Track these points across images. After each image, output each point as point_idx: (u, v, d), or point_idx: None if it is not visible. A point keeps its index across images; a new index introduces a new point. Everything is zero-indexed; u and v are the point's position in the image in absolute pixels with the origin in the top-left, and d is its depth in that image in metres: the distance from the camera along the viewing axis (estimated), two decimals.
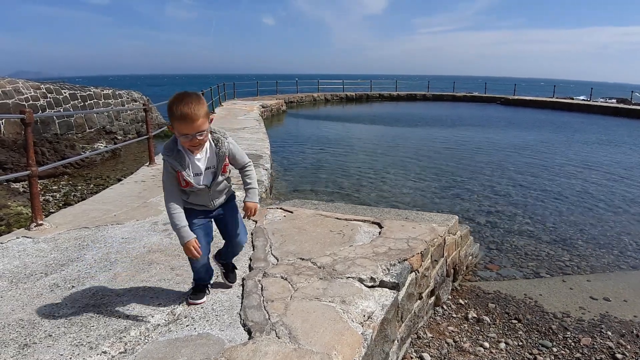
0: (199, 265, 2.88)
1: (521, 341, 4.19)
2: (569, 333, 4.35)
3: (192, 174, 2.63)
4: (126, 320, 2.77)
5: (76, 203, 6.85)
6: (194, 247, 2.62)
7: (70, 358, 2.40)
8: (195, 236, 2.65)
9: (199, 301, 2.98)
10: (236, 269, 3.34)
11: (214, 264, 3.17)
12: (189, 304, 2.97)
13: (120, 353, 2.47)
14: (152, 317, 2.81)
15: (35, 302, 3.01)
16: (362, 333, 2.71)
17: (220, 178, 2.73)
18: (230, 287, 3.23)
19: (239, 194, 2.99)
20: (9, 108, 14.04)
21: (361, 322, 2.82)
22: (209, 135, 2.65)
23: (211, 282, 3.15)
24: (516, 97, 38.10)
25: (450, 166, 12.82)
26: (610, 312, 4.83)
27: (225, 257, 3.18)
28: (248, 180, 2.87)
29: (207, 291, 3.07)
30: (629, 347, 4.16)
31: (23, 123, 4.68)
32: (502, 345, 4.10)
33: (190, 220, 2.70)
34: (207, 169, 2.68)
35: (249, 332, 2.63)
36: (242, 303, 2.99)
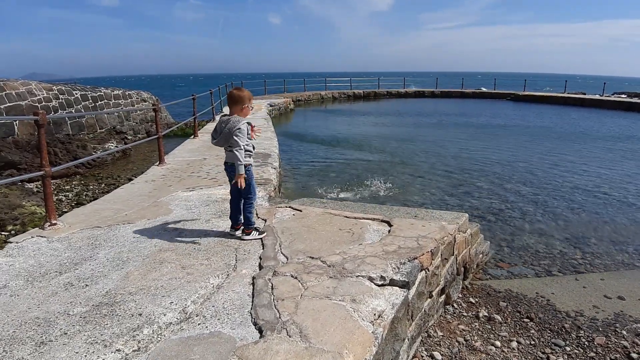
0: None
1: (533, 340, 4.15)
2: (582, 332, 4.30)
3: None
4: (139, 318, 2.80)
5: (88, 203, 6.91)
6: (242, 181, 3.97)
7: (86, 356, 2.43)
8: None
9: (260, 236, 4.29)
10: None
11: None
12: (245, 234, 4.28)
13: (134, 351, 2.49)
14: (165, 315, 2.83)
15: (51, 301, 3.05)
16: (372, 332, 2.72)
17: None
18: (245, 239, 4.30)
19: None
20: (23, 109, 14.19)
21: (372, 321, 2.82)
22: None
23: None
24: (526, 93, 37.67)
25: (459, 163, 12.76)
26: (625, 310, 4.76)
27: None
28: None
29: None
30: None
31: (36, 124, 4.72)
32: (514, 344, 4.06)
33: (251, 173, 4.21)
34: None
35: (260, 331, 2.65)
36: (252, 302, 3.00)
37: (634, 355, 3.93)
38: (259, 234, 4.32)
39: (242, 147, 3.90)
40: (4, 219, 7.06)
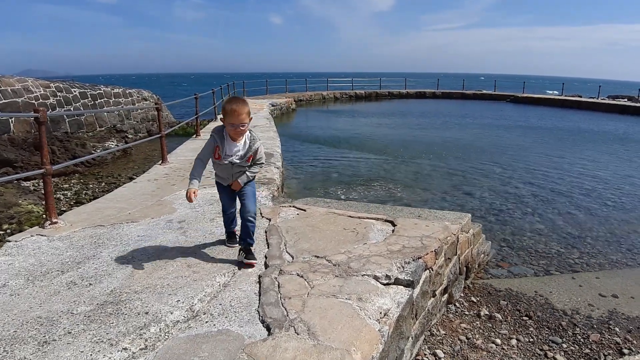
0: (227, 217, 3.90)
1: (532, 337, 4.23)
2: (578, 329, 4.40)
3: (224, 153, 3.49)
4: (145, 317, 2.79)
5: (88, 202, 6.89)
6: (190, 195, 3.36)
7: (91, 355, 2.41)
8: (196, 188, 3.42)
9: (234, 245, 3.94)
10: (252, 245, 3.75)
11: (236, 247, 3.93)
12: (227, 245, 4.01)
13: (141, 349, 2.49)
14: (172, 313, 2.83)
15: (53, 300, 3.02)
16: (379, 330, 2.73)
17: (243, 164, 3.56)
18: (253, 265, 3.64)
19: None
20: (19, 106, 14.12)
21: (378, 319, 2.84)
22: (248, 133, 3.55)
23: (237, 230, 4.01)
24: (525, 95, 37.93)
25: (460, 165, 12.80)
26: (618, 308, 4.88)
27: (241, 237, 3.72)
28: (250, 170, 3.65)
29: (237, 236, 3.96)
30: (635, 342, 4.22)
31: (37, 122, 4.67)
32: (514, 341, 4.13)
33: (221, 191, 3.77)
34: (236, 154, 3.51)
35: (268, 329, 2.65)
36: (259, 300, 3.01)
37: (625, 351, 4.05)
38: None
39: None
40: (0, 218, 7.03)
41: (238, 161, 3.53)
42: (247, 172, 3.63)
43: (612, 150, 15.63)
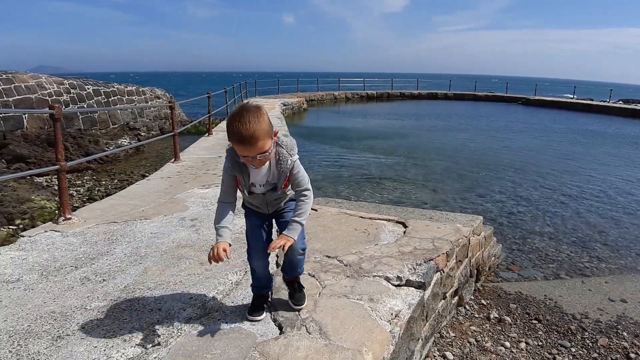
0: (256, 267, 2.70)
1: (541, 341, 4.23)
2: (587, 334, 4.39)
3: (248, 183, 2.48)
4: (158, 313, 2.81)
5: (101, 198, 6.94)
6: (216, 252, 2.32)
7: (104, 350, 2.43)
8: (227, 242, 2.39)
9: (257, 318, 2.73)
10: (303, 287, 2.94)
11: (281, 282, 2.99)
12: (248, 319, 2.73)
13: (154, 346, 2.50)
14: (184, 310, 2.85)
15: (67, 295, 3.05)
16: (390, 331, 2.73)
17: (279, 192, 2.55)
18: (297, 309, 2.86)
19: None
20: (32, 102, 14.24)
21: (389, 320, 2.84)
22: (275, 148, 2.42)
23: (270, 296, 2.91)
24: (537, 98, 37.73)
25: (472, 167, 12.76)
26: (626, 313, 4.87)
27: (284, 268, 2.84)
28: (296, 211, 2.54)
29: (267, 304, 2.83)
30: None
31: (52, 118, 4.72)
32: (523, 345, 4.13)
33: (250, 219, 2.67)
34: (266, 182, 2.51)
35: (280, 327, 2.67)
36: (271, 298, 3.01)
37: (632, 355, 4.05)
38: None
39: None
40: (13, 213, 7.09)
41: (264, 189, 2.53)
42: (298, 220, 2.50)
43: (624, 153, 15.51)
